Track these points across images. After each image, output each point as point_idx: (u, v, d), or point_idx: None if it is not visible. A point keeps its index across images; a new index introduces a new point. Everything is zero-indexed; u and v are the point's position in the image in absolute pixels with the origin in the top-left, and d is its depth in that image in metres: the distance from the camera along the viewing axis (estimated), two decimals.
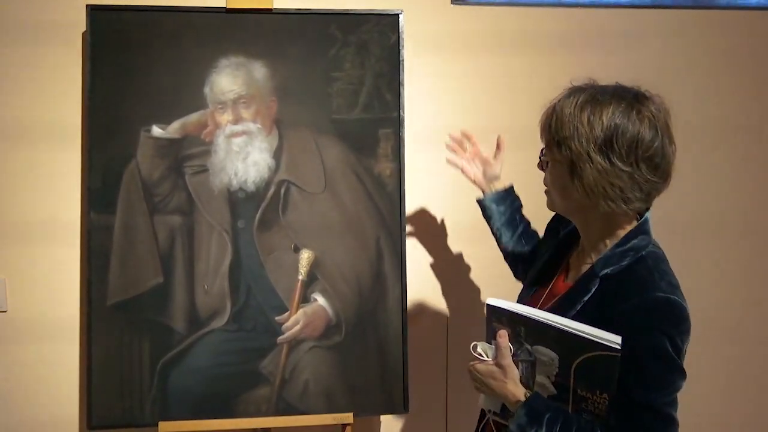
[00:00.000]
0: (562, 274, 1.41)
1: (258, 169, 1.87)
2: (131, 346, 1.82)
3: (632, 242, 1.27)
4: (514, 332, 1.28)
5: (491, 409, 1.37)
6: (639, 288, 1.22)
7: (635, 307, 1.20)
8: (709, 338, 2.03)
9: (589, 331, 1.18)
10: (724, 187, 2.19)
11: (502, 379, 1.29)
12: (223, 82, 1.86)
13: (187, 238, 1.85)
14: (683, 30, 2.15)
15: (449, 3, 2.06)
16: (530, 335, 1.26)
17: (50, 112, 1.92)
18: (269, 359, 1.86)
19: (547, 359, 1.24)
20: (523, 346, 1.27)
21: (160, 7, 1.85)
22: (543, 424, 1.23)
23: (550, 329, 1.22)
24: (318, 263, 1.88)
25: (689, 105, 2.13)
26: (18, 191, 1.93)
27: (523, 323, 1.26)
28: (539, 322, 1.24)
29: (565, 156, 1.25)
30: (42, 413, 1.95)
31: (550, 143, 1.29)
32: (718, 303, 2.17)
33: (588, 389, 1.21)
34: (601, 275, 1.26)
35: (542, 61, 2.08)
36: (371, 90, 1.91)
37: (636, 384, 1.19)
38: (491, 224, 1.71)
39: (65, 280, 1.94)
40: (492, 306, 1.31)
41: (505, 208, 1.68)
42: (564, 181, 1.28)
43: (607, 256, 1.28)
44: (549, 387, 1.26)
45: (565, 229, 1.47)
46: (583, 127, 1.23)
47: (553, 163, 1.29)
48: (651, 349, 1.19)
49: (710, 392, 2.17)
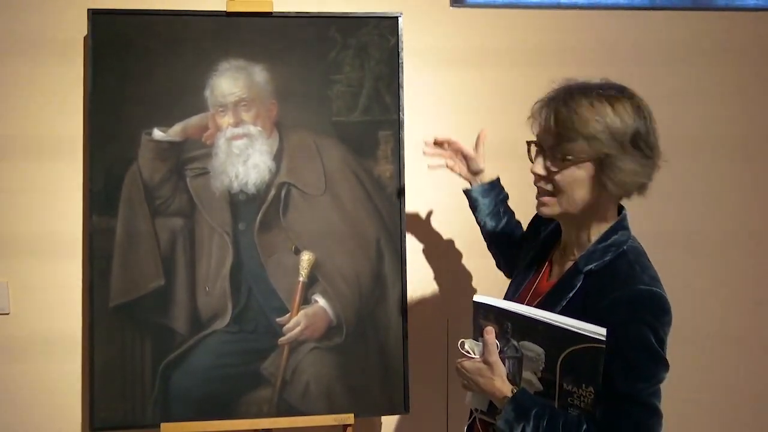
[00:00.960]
0: (546, 272, 1.43)
1: (258, 172, 1.88)
2: (133, 347, 1.83)
3: (613, 238, 1.29)
4: (501, 329, 1.30)
5: (478, 407, 1.38)
6: (622, 282, 1.24)
7: (619, 300, 1.22)
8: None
9: (574, 324, 1.20)
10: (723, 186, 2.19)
11: (489, 376, 1.30)
12: (224, 85, 1.88)
13: (189, 241, 1.86)
14: (682, 31, 2.15)
15: (448, 5, 2.07)
16: (517, 331, 1.27)
17: (52, 116, 1.94)
18: (270, 360, 1.87)
19: (534, 355, 1.26)
20: (510, 342, 1.29)
21: (161, 11, 1.87)
22: (530, 419, 1.24)
23: (537, 324, 1.24)
24: (318, 265, 1.89)
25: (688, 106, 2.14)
26: (20, 194, 1.94)
27: (510, 319, 1.28)
28: (526, 317, 1.25)
29: (595, 152, 1.23)
30: (44, 415, 1.96)
31: (570, 142, 1.24)
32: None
33: (574, 383, 1.23)
34: (584, 271, 1.29)
35: (541, 63, 2.08)
36: (371, 92, 1.92)
37: (621, 375, 1.21)
38: (477, 215, 1.72)
39: (67, 283, 1.96)
40: (479, 303, 1.32)
41: (490, 200, 1.69)
42: (588, 178, 1.26)
43: (589, 252, 1.30)
44: (535, 383, 1.28)
45: (546, 229, 1.49)
46: (615, 121, 1.23)
47: (578, 161, 1.26)
48: (635, 340, 1.21)
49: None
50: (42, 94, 1.93)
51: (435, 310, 2.10)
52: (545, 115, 1.29)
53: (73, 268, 1.95)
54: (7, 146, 1.93)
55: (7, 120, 1.93)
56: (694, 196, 2.18)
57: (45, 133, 1.94)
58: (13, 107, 1.93)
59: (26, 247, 1.94)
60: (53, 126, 1.94)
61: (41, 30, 1.92)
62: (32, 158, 1.94)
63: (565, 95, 1.27)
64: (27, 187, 1.94)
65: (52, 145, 1.94)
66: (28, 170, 1.94)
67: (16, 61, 1.92)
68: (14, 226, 1.94)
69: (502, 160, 1.74)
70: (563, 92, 1.29)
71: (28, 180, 1.94)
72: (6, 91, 1.92)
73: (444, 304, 2.11)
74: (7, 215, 1.94)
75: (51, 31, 1.93)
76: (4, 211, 1.94)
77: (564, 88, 1.30)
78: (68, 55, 1.93)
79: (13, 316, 1.94)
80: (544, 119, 1.29)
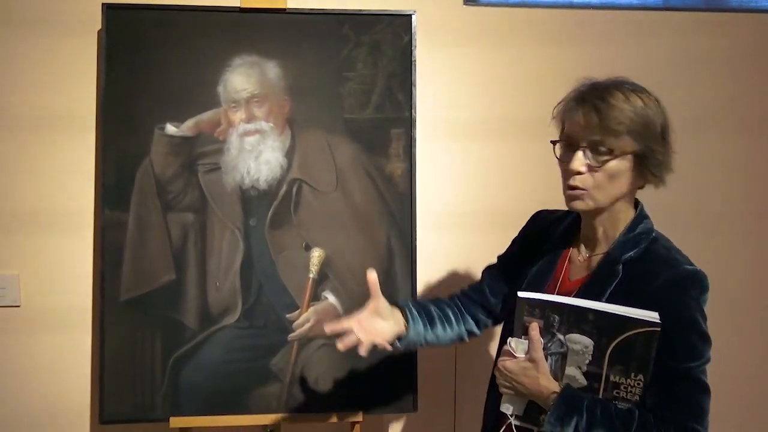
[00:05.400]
0: (565, 272, 1.41)
1: (270, 168, 1.88)
2: (143, 341, 1.84)
3: (640, 227, 1.33)
4: (546, 323, 1.28)
5: (515, 412, 1.33)
6: (666, 265, 1.28)
7: (669, 282, 1.25)
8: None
9: (626, 311, 1.22)
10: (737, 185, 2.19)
11: (534, 375, 1.28)
12: (237, 81, 1.88)
13: (200, 236, 1.87)
14: (694, 32, 2.15)
15: (461, 3, 2.06)
16: (564, 323, 1.26)
17: (65, 110, 1.94)
18: (280, 356, 1.87)
19: (581, 347, 1.25)
20: (555, 337, 1.27)
21: (175, 6, 1.87)
22: (583, 411, 1.23)
23: (588, 313, 1.24)
24: (329, 262, 1.89)
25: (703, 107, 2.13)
26: (32, 188, 1.94)
27: (557, 312, 1.27)
28: (576, 308, 1.25)
29: (639, 144, 1.27)
30: (54, 408, 1.97)
31: (616, 136, 1.25)
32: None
33: (622, 374, 1.23)
34: (623, 260, 1.30)
35: (553, 61, 2.08)
36: (383, 90, 1.92)
37: (674, 355, 1.23)
38: (428, 342, 1.54)
39: (78, 277, 1.96)
40: (525, 299, 1.29)
41: (419, 325, 1.50)
42: (629, 171, 1.29)
43: (621, 242, 1.32)
44: (579, 378, 1.27)
45: (556, 231, 1.47)
46: (648, 113, 1.27)
47: (621, 155, 1.26)
48: (688, 320, 1.24)
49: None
50: (54, 89, 1.94)
51: None
52: (583, 111, 1.28)
53: (85, 261, 1.96)
54: (20, 140, 1.94)
55: (21, 114, 1.93)
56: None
57: (58, 128, 1.94)
58: (27, 102, 1.93)
59: (37, 240, 1.95)
60: (66, 120, 1.94)
61: (56, 24, 1.93)
62: (45, 153, 1.94)
63: (599, 91, 1.28)
64: (39, 181, 1.95)
65: (65, 140, 1.95)
66: (40, 164, 1.94)
67: (31, 56, 1.93)
68: (26, 220, 1.94)
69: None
70: (595, 88, 1.30)
71: (40, 173, 1.95)
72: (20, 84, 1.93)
73: None
74: (18, 209, 1.95)
75: (65, 26, 1.93)
76: (16, 205, 1.95)
77: (592, 84, 1.31)
78: (82, 50, 1.94)
79: (24, 308, 1.95)
80: (582, 116, 1.27)
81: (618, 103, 1.25)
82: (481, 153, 2.07)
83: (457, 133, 2.06)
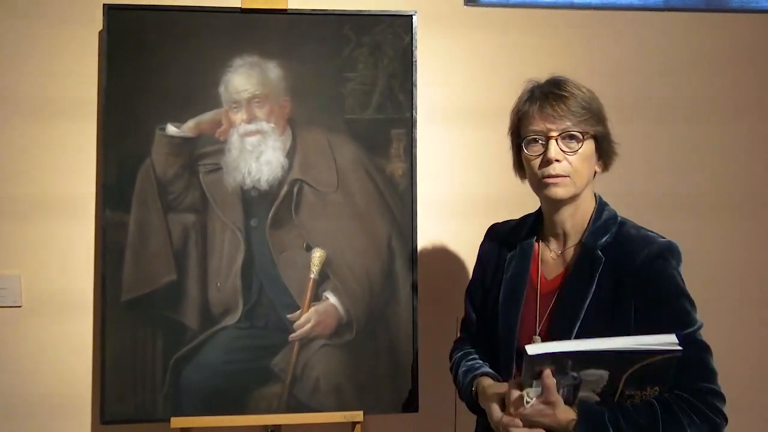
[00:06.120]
0: (542, 273, 1.43)
1: (271, 168, 1.89)
2: (144, 341, 1.84)
3: (605, 214, 1.40)
4: (559, 366, 1.22)
5: None
6: (642, 242, 1.34)
7: (650, 256, 1.31)
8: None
9: (645, 341, 1.17)
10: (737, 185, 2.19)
11: (551, 413, 1.24)
12: (238, 82, 1.88)
13: (201, 236, 1.87)
14: (695, 32, 2.15)
15: (462, 4, 2.07)
16: (578, 364, 1.21)
17: (66, 111, 1.95)
18: (280, 357, 1.88)
19: (596, 378, 1.22)
20: (569, 374, 1.22)
21: (176, 7, 1.87)
22: (607, 425, 1.22)
23: (605, 354, 1.18)
24: (330, 262, 1.90)
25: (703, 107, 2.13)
26: (33, 188, 1.95)
27: (570, 358, 1.20)
28: (591, 352, 1.18)
29: (598, 127, 1.36)
30: (56, 407, 1.97)
31: (583, 120, 1.34)
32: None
33: (638, 388, 1.23)
34: (599, 246, 1.35)
35: (554, 62, 2.06)
36: (384, 90, 1.93)
37: (673, 323, 1.26)
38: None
39: (80, 277, 1.96)
40: (535, 356, 1.20)
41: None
42: (593, 156, 1.37)
43: (591, 231, 1.38)
44: (593, 397, 1.25)
45: (518, 237, 1.49)
46: (595, 99, 1.38)
47: (588, 139, 1.35)
48: (675, 288, 1.31)
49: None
50: (56, 90, 1.94)
51: (445, 308, 2.09)
52: (549, 104, 1.34)
53: (86, 261, 1.96)
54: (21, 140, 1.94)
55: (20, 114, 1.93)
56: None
57: (58, 128, 1.94)
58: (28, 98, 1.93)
59: (38, 240, 1.95)
60: (67, 121, 1.95)
61: (57, 25, 1.93)
62: (46, 154, 1.94)
63: (553, 86, 1.36)
64: (40, 181, 1.95)
65: (66, 141, 1.95)
66: (40, 163, 1.95)
67: (31, 57, 1.93)
68: (27, 220, 1.95)
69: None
70: (548, 84, 1.38)
71: (41, 174, 1.95)
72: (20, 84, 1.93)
73: (455, 302, 2.10)
74: (20, 210, 1.95)
75: (66, 26, 1.93)
76: (18, 206, 1.95)
77: (544, 82, 1.39)
78: (83, 50, 1.94)
79: (25, 308, 1.95)
80: (550, 107, 1.34)
81: (575, 91, 1.35)
82: (482, 153, 2.07)
83: (457, 133, 2.06)
